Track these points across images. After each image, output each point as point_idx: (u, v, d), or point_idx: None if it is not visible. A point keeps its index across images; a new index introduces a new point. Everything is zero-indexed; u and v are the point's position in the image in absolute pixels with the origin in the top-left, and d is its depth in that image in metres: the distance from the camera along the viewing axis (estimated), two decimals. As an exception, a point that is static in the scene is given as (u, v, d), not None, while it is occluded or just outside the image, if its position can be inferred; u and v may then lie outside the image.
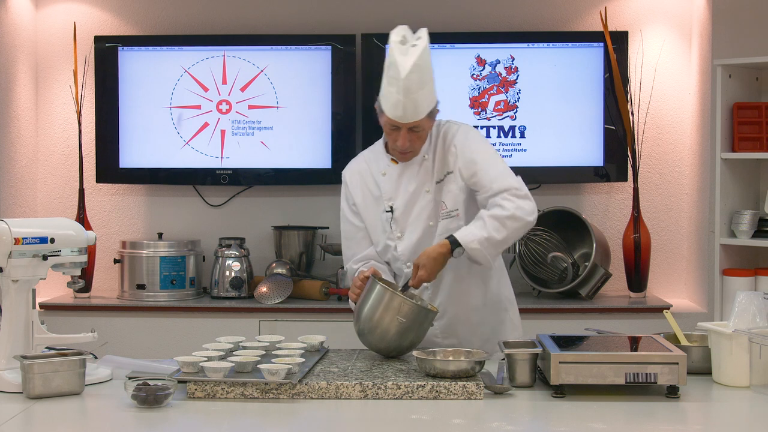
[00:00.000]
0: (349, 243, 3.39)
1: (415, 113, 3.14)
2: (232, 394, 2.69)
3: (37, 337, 2.93)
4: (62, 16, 5.13)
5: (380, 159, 3.34)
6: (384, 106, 3.17)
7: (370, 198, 3.34)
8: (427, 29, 3.20)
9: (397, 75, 3.11)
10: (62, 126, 5.15)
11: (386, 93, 3.15)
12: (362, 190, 3.35)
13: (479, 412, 2.61)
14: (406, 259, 3.28)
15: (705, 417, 2.67)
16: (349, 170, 3.42)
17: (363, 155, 3.43)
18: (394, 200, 3.29)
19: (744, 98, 4.59)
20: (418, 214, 3.27)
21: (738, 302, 2.90)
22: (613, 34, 4.88)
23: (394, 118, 3.15)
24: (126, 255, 4.87)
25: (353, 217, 3.37)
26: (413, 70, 3.10)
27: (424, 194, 3.27)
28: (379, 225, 3.32)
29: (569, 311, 4.64)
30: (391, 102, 3.13)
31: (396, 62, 3.11)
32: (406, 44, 3.16)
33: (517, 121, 4.95)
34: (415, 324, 3.00)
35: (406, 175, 3.29)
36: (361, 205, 3.35)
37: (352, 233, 3.38)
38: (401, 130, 3.18)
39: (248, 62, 4.99)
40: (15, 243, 2.87)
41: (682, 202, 5.10)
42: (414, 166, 3.28)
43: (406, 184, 3.28)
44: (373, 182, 3.34)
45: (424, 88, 3.13)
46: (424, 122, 3.19)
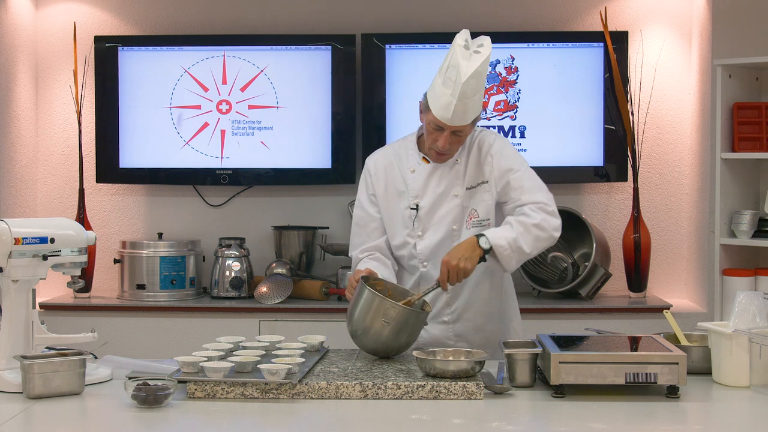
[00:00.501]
0: (360, 231, 3.38)
1: (463, 118, 3.15)
2: (232, 394, 2.69)
3: (37, 337, 2.93)
4: (62, 16, 5.13)
5: (411, 155, 3.33)
6: (433, 106, 3.16)
7: (393, 191, 3.33)
8: (490, 38, 3.23)
9: (456, 78, 3.11)
10: (62, 126, 5.15)
11: (439, 93, 3.15)
12: (386, 183, 3.34)
13: (479, 412, 2.61)
14: (424, 258, 3.28)
15: (705, 417, 2.67)
16: (374, 160, 3.39)
17: (392, 147, 3.41)
18: (421, 199, 3.28)
19: (744, 98, 4.59)
20: (443, 217, 3.27)
21: (738, 302, 2.90)
22: (613, 34, 4.88)
23: (442, 120, 3.15)
24: (126, 255, 4.87)
25: (370, 206, 3.36)
26: (473, 77, 3.11)
27: (452, 198, 3.27)
28: (399, 220, 3.31)
29: (569, 311, 4.64)
30: (443, 103, 3.13)
31: (459, 65, 3.11)
32: (469, 49, 3.17)
33: (517, 121, 4.95)
34: (406, 326, 3.00)
35: (435, 175, 3.29)
36: (381, 196, 3.34)
37: (365, 221, 3.37)
38: (444, 131, 3.17)
39: (248, 62, 4.99)
40: (15, 243, 2.87)
41: (682, 202, 5.10)
42: (445, 168, 3.28)
43: (435, 185, 3.28)
44: (399, 176, 3.32)
45: (476, 95, 3.15)
46: (467, 128, 3.21)
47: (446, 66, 3.16)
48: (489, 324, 3.35)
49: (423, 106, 3.23)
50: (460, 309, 3.32)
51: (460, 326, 3.33)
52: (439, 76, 3.17)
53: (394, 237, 3.33)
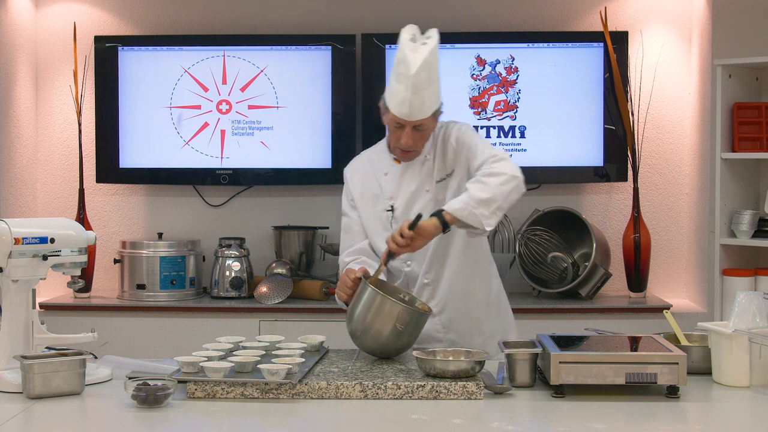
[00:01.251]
0: (345, 236, 3.42)
1: (421, 111, 3.15)
2: (232, 394, 2.69)
3: (37, 337, 2.93)
4: (62, 16, 5.13)
5: (383, 158, 3.36)
6: (390, 104, 3.18)
7: (369, 195, 3.35)
8: (437, 30, 3.21)
9: (406, 72, 3.11)
10: (62, 126, 5.15)
11: (394, 90, 3.16)
12: (362, 188, 3.37)
13: (479, 412, 2.61)
14: (405, 257, 3.29)
15: (705, 417, 2.67)
16: (350, 168, 3.45)
17: (366, 154, 3.46)
18: (396, 199, 3.30)
19: (744, 98, 4.59)
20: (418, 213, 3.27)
21: (738, 302, 2.90)
22: (613, 34, 4.88)
23: (399, 116, 3.16)
24: (126, 255, 4.87)
25: (351, 211, 3.40)
26: (423, 67, 3.11)
27: (424, 193, 3.28)
28: (378, 222, 3.33)
29: (569, 311, 4.64)
30: (398, 99, 3.14)
31: (406, 59, 3.12)
32: (417, 42, 3.17)
33: (517, 121, 4.95)
34: (409, 327, 3.00)
35: (407, 174, 3.30)
36: (359, 201, 3.37)
37: (348, 226, 3.41)
38: (405, 128, 3.18)
39: (248, 62, 4.99)
40: (15, 243, 2.87)
41: (682, 202, 5.10)
42: (416, 165, 3.30)
43: (407, 183, 3.30)
44: (374, 180, 3.35)
45: (431, 87, 3.14)
46: (429, 122, 3.20)
47: (396, 62, 3.17)
48: (475, 310, 3.36)
49: (383, 108, 3.24)
50: (443, 300, 3.31)
51: (446, 316, 3.32)
52: (392, 75, 3.19)
53: (375, 241, 3.34)
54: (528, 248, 4.78)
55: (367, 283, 3.04)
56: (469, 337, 3.33)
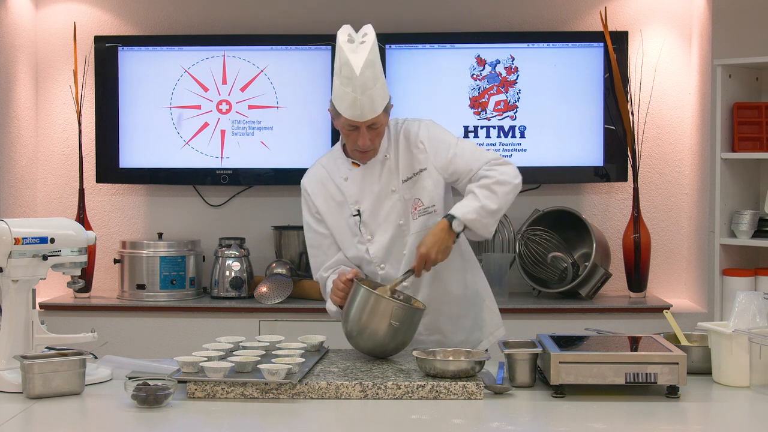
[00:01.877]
0: (316, 252, 3.36)
1: (372, 110, 3.13)
2: (232, 394, 2.69)
3: (37, 337, 2.93)
4: (62, 16, 5.13)
5: (340, 164, 3.31)
6: (340, 108, 3.15)
7: (333, 204, 3.30)
8: (371, 25, 3.21)
9: (350, 74, 3.09)
10: (62, 126, 5.15)
11: (341, 94, 3.13)
12: (324, 197, 3.31)
13: (479, 412, 2.61)
14: (379, 261, 3.27)
15: (705, 417, 2.67)
16: (308, 179, 3.37)
17: (320, 162, 3.39)
18: (361, 203, 3.26)
19: (744, 98, 4.59)
20: (387, 215, 3.25)
21: (738, 302, 2.90)
22: (613, 34, 4.88)
23: (352, 118, 3.13)
24: (126, 255, 4.87)
25: (318, 225, 3.33)
26: (366, 66, 3.10)
27: (391, 194, 3.25)
28: (347, 230, 3.29)
29: (569, 311, 4.64)
30: (348, 102, 3.12)
31: (348, 61, 3.10)
32: (354, 42, 3.15)
33: (517, 121, 4.95)
34: (404, 324, 3.00)
35: (369, 176, 3.26)
36: (324, 212, 3.30)
37: (318, 242, 3.34)
38: (360, 129, 3.16)
39: (248, 62, 4.99)
40: (15, 243, 2.87)
41: (682, 202, 5.10)
42: (376, 166, 3.26)
43: (370, 185, 3.26)
44: (335, 188, 3.30)
45: (377, 83, 3.13)
46: (381, 118, 3.18)
47: (338, 66, 3.14)
48: (455, 308, 3.34)
49: (333, 113, 3.21)
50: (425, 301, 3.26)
51: (428, 319, 3.28)
52: (336, 78, 3.15)
53: (346, 249, 3.30)
54: (528, 248, 4.78)
55: (359, 283, 3.04)
56: (452, 335, 3.33)
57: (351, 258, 3.31)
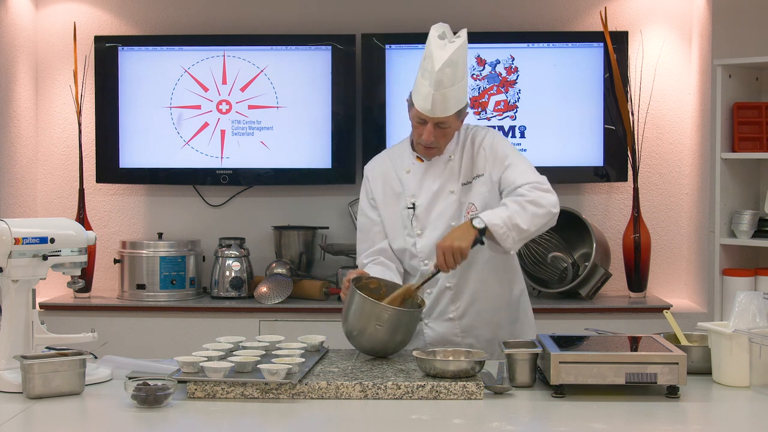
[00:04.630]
0: (364, 236, 3.39)
1: (444, 109, 3.14)
2: (232, 394, 2.69)
3: (37, 337, 2.93)
4: (62, 16, 5.13)
5: (405, 156, 3.34)
6: (415, 99, 3.18)
7: (391, 194, 3.34)
8: (467, 30, 3.21)
9: (431, 68, 3.11)
10: (62, 126, 5.15)
11: (418, 85, 3.16)
12: (383, 186, 3.35)
13: (479, 412, 2.61)
14: (424, 256, 3.28)
15: (705, 417, 2.67)
16: (371, 166, 3.43)
17: (387, 152, 3.45)
18: (417, 197, 3.29)
19: (744, 98, 4.59)
20: (441, 213, 3.27)
21: (738, 302, 2.90)
22: (613, 34, 4.88)
23: (422, 111, 3.15)
24: (126, 255, 4.87)
25: (371, 212, 3.37)
26: (447, 64, 3.11)
27: (448, 194, 3.27)
28: (399, 221, 3.31)
29: (569, 311, 4.64)
30: (422, 94, 3.14)
31: (432, 55, 3.13)
32: (444, 39, 3.17)
33: (517, 121, 4.95)
34: (399, 326, 3.00)
35: (430, 173, 3.29)
36: (380, 200, 3.35)
37: (368, 227, 3.38)
38: (428, 124, 3.17)
39: (248, 62, 4.99)
40: (15, 243, 2.87)
41: (682, 202, 5.10)
42: (439, 165, 3.29)
43: (430, 182, 3.29)
44: (395, 179, 3.34)
45: (455, 85, 3.13)
46: (452, 120, 3.19)
47: (423, 58, 3.18)
48: (496, 316, 3.34)
49: (409, 103, 3.25)
50: (464, 304, 3.30)
51: (466, 321, 3.31)
52: (419, 70, 3.19)
53: (394, 240, 3.33)
54: (528, 248, 4.78)
55: (354, 288, 3.05)
56: (487, 343, 3.30)
57: (396, 249, 3.33)
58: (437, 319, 3.31)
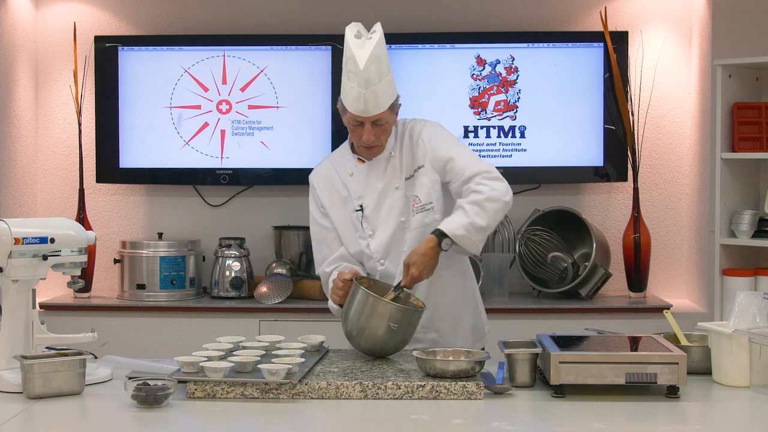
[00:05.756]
0: (320, 246, 3.40)
1: (376, 106, 3.15)
2: (232, 394, 2.69)
3: (37, 337, 2.93)
4: (62, 16, 5.13)
5: (347, 160, 3.35)
6: (346, 103, 3.19)
7: (338, 199, 3.34)
8: (380, 23, 3.24)
9: (355, 68, 3.13)
10: (62, 126, 5.15)
11: (347, 89, 3.18)
12: (329, 192, 3.36)
13: (479, 412, 2.61)
14: (379, 256, 3.29)
15: (705, 417, 2.67)
16: (316, 174, 3.43)
17: (329, 158, 3.45)
18: (364, 199, 3.30)
19: (744, 98, 4.59)
20: (389, 211, 3.27)
21: (738, 302, 2.90)
22: (613, 34, 4.88)
23: (356, 113, 3.17)
24: (126, 255, 4.87)
25: (322, 219, 3.38)
26: (371, 61, 3.13)
27: (393, 191, 3.28)
28: (350, 225, 3.32)
29: (569, 311, 4.64)
30: (353, 97, 3.15)
31: (354, 55, 3.14)
32: (362, 38, 3.20)
33: (517, 121, 4.95)
34: (403, 326, 3.01)
35: (373, 173, 3.30)
36: (329, 206, 3.35)
37: (322, 235, 3.39)
38: (365, 125, 3.19)
39: (248, 62, 4.99)
40: (15, 243, 2.87)
41: (682, 202, 5.10)
42: (381, 163, 3.30)
43: (374, 182, 3.30)
44: (340, 183, 3.34)
45: (383, 80, 3.15)
46: (387, 115, 3.21)
47: (345, 61, 3.18)
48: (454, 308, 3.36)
49: (341, 109, 3.25)
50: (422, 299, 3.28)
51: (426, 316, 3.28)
52: (343, 74, 3.20)
53: (348, 244, 3.33)
54: (528, 248, 4.78)
55: (358, 284, 3.05)
56: (448, 336, 3.33)
57: (353, 254, 3.34)
58: None
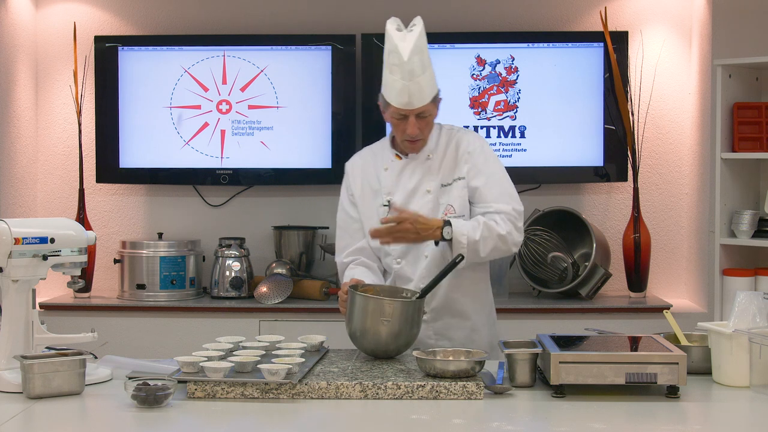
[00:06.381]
0: (343, 234, 3.39)
1: (421, 98, 3.14)
2: (232, 394, 2.69)
3: (37, 337, 2.93)
4: (62, 16, 5.13)
5: (385, 153, 3.35)
6: (389, 96, 3.17)
7: (369, 190, 3.35)
8: (420, 17, 3.23)
9: (399, 60, 3.12)
10: (62, 126, 5.15)
11: (390, 82, 3.16)
12: (362, 182, 3.36)
13: (479, 412, 2.61)
14: (397, 255, 3.29)
15: (705, 417, 2.67)
16: (352, 162, 3.44)
17: (369, 148, 3.45)
18: (393, 195, 3.30)
19: (744, 98, 4.59)
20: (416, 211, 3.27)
21: (738, 302, 2.90)
22: (613, 34, 4.88)
23: (400, 106, 3.15)
24: (126, 255, 4.87)
25: (350, 208, 3.38)
26: (415, 52, 3.12)
27: (425, 193, 3.27)
28: (375, 218, 3.31)
29: (569, 311, 4.64)
30: (396, 90, 3.13)
31: (397, 47, 3.13)
32: (402, 31, 3.19)
33: (517, 121, 4.95)
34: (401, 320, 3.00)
35: (407, 171, 3.30)
36: (359, 196, 3.36)
37: (347, 224, 3.39)
38: (409, 118, 3.17)
39: (248, 62, 4.99)
40: (15, 243, 2.87)
41: (682, 202, 5.10)
42: (417, 163, 3.29)
43: (406, 180, 3.29)
44: (374, 175, 3.34)
45: (426, 72, 3.14)
46: (430, 108, 3.20)
47: (387, 53, 3.18)
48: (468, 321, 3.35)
49: (382, 105, 3.24)
50: (438, 308, 3.30)
51: (440, 325, 3.32)
52: (385, 68, 3.19)
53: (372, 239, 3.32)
54: (528, 248, 4.78)
55: (354, 291, 3.06)
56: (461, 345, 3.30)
57: (374, 248, 3.33)
58: None
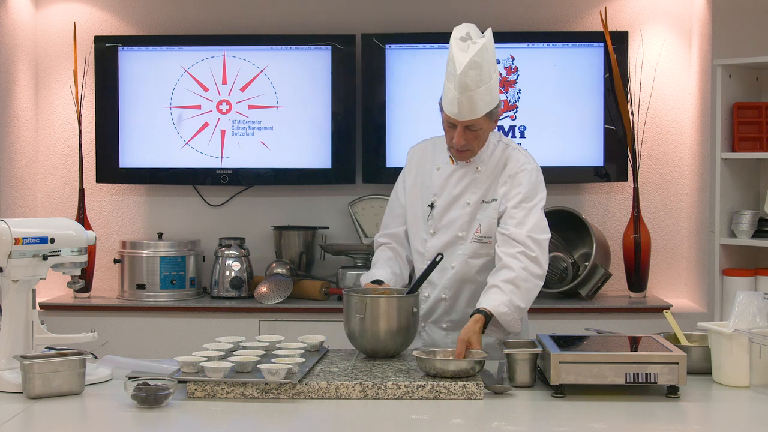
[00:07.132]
0: (390, 213, 3.42)
1: (471, 111, 3.10)
2: (232, 394, 2.69)
3: (37, 337, 2.93)
4: (62, 16, 5.13)
5: (442, 152, 3.33)
6: (443, 102, 3.16)
7: (419, 185, 3.34)
8: (491, 29, 3.18)
9: (453, 71, 3.08)
10: (62, 126, 5.15)
11: (445, 90, 3.14)
12: (415, 174, 3.36)
13: (479, 412, 2.61)
14: (429, 256, 3.25)
15: (705, 417, 2.67)
16: (414, 150, 3.43)
17: (432, 140, 3.41)
18: (438, 197, 3.29)
19: (744, 98, 4.59)
20: (452, 220, 3.26)
21: (738, 302, 2.90)
22: (613, 34, 4.88)
23: (449, 115, 3.13)
24: (126, 255, 4.87)
25: (401, 193, 3.40)
26: (470, 66, 3.06)
27: (465, 205, 3.25)
28: (420, 214, 3.32)
29: (569, 311, 4.64)
30: (449, 98, 3.11)
31: (453, 58, 3.09)
32: (467, 41, 3.13)
33: (517, 121, 4.95)
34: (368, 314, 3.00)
35: (455, 177, 3.27)
36: (410, 185, 3.36)
37: (393, 207, 3.42)
38: (457, 128, 3.14)
39: (248, 62, 4.99)
40: (15, 243, 2.87)
41: (682, 202, 5.10)
42: (466, 171, 3.26)
43: (452, 186, 3.27)
44: (428, 171, 3.34)
45: (481, 87, 3.08)
46: (482, 122, 3.14)
47: (447, 61, 3.15)
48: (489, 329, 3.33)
49: (440, 107, 3.22)
50: (458, 316, 3.30)
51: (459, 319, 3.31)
52: (446, 74, 3.16)
53: (412, 230, 3.34)
54: (528, 248, 4.77)
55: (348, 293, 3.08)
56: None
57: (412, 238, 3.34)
58: (432, 325, 3.32)
